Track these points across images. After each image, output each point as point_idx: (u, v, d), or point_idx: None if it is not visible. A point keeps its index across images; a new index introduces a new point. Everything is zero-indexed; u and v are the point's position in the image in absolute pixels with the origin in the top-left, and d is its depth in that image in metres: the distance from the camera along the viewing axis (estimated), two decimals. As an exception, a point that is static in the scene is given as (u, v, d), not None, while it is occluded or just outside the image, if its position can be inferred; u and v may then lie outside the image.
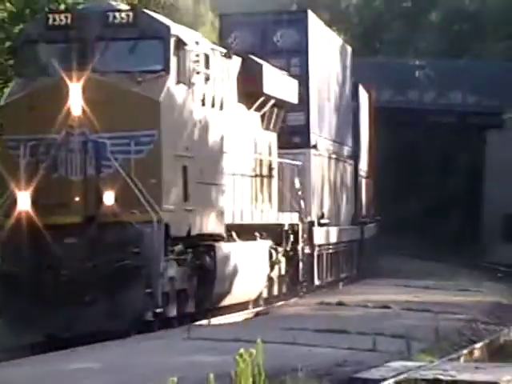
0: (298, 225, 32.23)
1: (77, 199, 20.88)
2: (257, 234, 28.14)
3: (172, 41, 22.22)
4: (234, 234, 26.07)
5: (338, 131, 41.08)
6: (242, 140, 27.18)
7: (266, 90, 28.35)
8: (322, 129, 36.87)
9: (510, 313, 31.25)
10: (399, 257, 60.49)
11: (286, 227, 30.98)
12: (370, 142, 54.11)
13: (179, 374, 11.62)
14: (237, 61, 27.70)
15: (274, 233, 29.96)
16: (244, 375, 11.99)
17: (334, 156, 39.43)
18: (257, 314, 29.71)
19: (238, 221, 26.40)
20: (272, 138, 30.56)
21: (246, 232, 27.32)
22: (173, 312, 22.50)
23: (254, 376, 12.35)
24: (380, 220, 57.83)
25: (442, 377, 14.41)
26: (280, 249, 30.49)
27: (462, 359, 18.52)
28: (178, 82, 22.55)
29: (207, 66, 24.61)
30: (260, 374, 12.41)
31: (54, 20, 22.31)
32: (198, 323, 24.63)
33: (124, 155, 20.95)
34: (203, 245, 23.97)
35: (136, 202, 20.44)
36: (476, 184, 66.86)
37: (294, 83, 31.89)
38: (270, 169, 29.90)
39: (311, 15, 37.99)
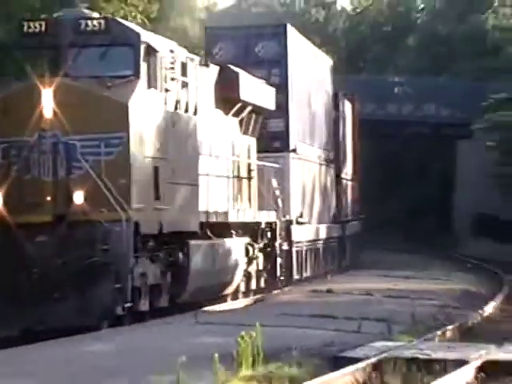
0: (275, 223, 29.68)
1: (48, 199, 18.54)
2: (233, 231, 25.63)
3: (142, 47, 19.73)
4: (208, 232, 23.54)
5: (319, 137, 38.59)
6: (219, 143, 24.68)
7: (243, 96, 26.02)
8: (302, 134, 34.39)
9: (477, 299, 30.00)
10: (381, 251, 58.59)
11: (263, 225, 28.45)
12: (354, 148, 51.56)
13: (188, 354, 11.66)
14: (214, 69, 25.41)
15: (252, 230, 27.53)
16: (245, 355, 12.46)
17: (314, 160, 36.86)
18: (255, 302, 28.06)
19: (213, 219, 23.88)
20: (251, 141, 28.14)
21: (222, 230, 24.86)
22: (145, 306, 19.99)
23: (253, 355, 12.74)
24: (364, 219, 55.23)
25: (418, 355, 14.38)
26: (257, 245, 27.95)
27: (436, 340, 17.93)
28: (149, 86, 20.08)
29: (184, 73, 22.29)
30: (259, 353, 12.79)
31: (29, 27, 20.10)
32: (204, 309, 23.79)
33: (94, 157, 18.61)
34: (177, 242, 21.49)
35: (105, 201, 18.12)
36: (449, 187, 65.36)
37: (272, 91, 29.53)
38: (249, 170, 27.49)
39: (290, 29, 35.50)
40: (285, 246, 30.92)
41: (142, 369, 12.85)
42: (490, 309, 26.27)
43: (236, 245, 25.60)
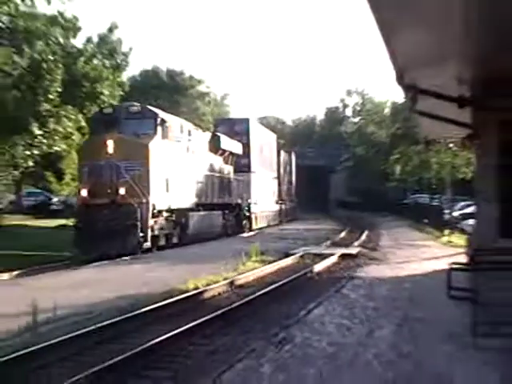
0: (241, 203, 23.43)
1: (108, 192, 13.30)
2: (217, 207, 19.65)
3: (158, 120, 14.46)
4: (201, 208, 17.57)
5: (268, 167, 31.50)
6: (209, 166, 18.99)
7: (223, 146, 20.34)
8: (257, 165, 27.69)
9: (338, 231, 24.67)
10: (305, 214, 48.23)
11: (234, 204, 22.23)
12: (290, 173, 42.83)
13: (234, 252, 12.72)
14: (208, 134, 19.86)
15: (230, 207, 21.51)
16: (253, 252, 12.41)
17: (264, 176, 29.96)
18: (257, 233, 23.84)
19: (203, 201, 17.94)
20: (230, 168, 22.05)
21: (211, 207, 18.94)
22: (162, 243, 14.55)
23: (256, 252, 12.55)
24: (297, 201, 45.86)
25: (316, 252, 13.87)
26: (231, 214, 21.89)
27: (323, 246, 16.21)
28: (163, 138, 14.55)
29: (189, 134, 16.71)
30: (257, 251, 12.64)
31: (105, 109, 15.61)
32: (240, 235, 21.31)
33: (132, 172, 13.46)
34: (183, 212, 15.85)
35: (136, 194, 13.19)
36: (328, 190, 58.42)
37: (240, 145, 23.43)
38: (229, 180, 21.59)
39: (252, 119, 29.89)
40: (247, 214, 24.74)
41: (217, 256, 12.63)
42: (342, 235, 22.33)
43: (216, 214, 19.60)
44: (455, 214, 21.40)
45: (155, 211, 13.75)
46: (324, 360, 4.48)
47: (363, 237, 20.43)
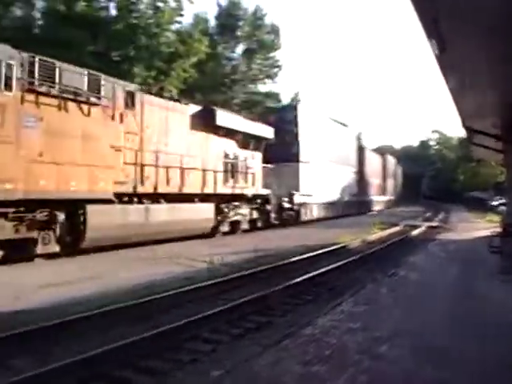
0: (268, 194, 18.22)
1: None
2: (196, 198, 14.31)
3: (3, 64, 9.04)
4: (135, 199, 12.20)
5: (340, 161, 28.32)
6: (190, 149, 13.83)
7: (219, 123, 14.96)
8: (314, 155, 23.76)
9: (424, 212, 34.97)
10: (406, 202, 53.76)
11: (251, 196, 17.22)
12: (395, 176, 46.97)
13: (364, 222, 20.52)
14: (193, 107, 14.41)
15: (244, 199, 16.89)
16: (376, 223, 17.30)
17: (328, 168, 25.93)
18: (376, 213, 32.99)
19: (152, 191, 12.60)
20: (252, 154, 17.20)
21: (184, 198, 13.61)
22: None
23: (378, 223, 19.03)
24: (401, 195, 54.43)
25: (412, 223, 19.50)
26: (248, 205, 17.28)
27: (416, 220, 23.15)
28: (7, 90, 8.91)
29: (132, 97, 11.86)
30: (378, 222, 18.26)
31: None
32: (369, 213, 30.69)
33: None
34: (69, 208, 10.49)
35: None
36: (419, 187, 74.08)
37: (270, 129, 18.47)
38: (247, 168, 16.77)
39: (301, 106, 24.15)
40: (288, 205, 20.27)
41: (357, 224, 20.68)
42: (427, 214, 31.87)
43: (196, 207, 14.02)
44: (494, 203, 31.79)
45: None
46: (417, 285, 8.18)
47: (440, 216, 30.25)
